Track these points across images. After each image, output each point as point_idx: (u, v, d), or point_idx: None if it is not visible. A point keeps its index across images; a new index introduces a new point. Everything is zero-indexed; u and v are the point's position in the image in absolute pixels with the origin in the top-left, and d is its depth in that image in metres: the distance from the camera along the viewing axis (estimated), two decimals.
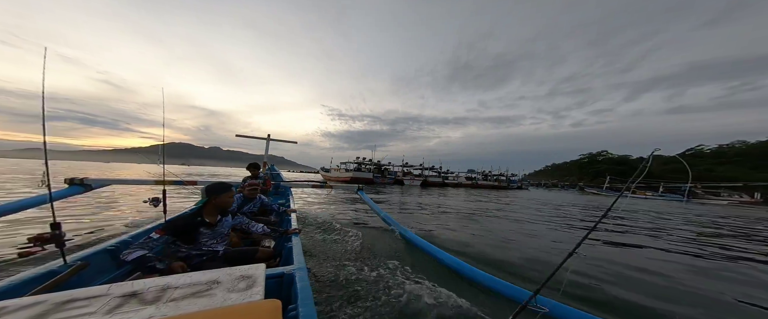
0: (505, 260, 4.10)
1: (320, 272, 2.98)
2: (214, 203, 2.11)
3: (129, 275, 2.15)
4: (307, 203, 9.13)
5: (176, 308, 0.96)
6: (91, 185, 3.67)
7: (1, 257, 3.11)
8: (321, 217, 6.30)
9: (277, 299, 0.93)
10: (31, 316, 0.87)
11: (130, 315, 0.91)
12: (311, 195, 11.70)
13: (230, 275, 1.22)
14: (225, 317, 0.81)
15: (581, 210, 13.02)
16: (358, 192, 6.03)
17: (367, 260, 3.48)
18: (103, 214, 5.99)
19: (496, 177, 48.52)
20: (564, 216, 10.09)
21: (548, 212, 11.41)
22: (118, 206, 7.04)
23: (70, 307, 0.94)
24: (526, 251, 4.72)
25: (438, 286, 2.77)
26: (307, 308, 1.26)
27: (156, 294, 1.04)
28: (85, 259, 1.93)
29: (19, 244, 3.60)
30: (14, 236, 3.98)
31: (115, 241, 2.31)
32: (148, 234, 1.98)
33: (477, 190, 32.50)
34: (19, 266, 2.84)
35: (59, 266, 1.75)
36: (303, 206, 7.91)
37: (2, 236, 3.99)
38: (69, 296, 1.01)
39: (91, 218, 5.44)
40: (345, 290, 2.61)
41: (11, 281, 1.50)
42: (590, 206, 15.69)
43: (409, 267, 3.24)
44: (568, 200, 20.54)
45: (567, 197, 25.45)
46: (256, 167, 4.87)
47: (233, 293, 1.06)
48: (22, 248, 3.29)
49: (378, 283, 2.77)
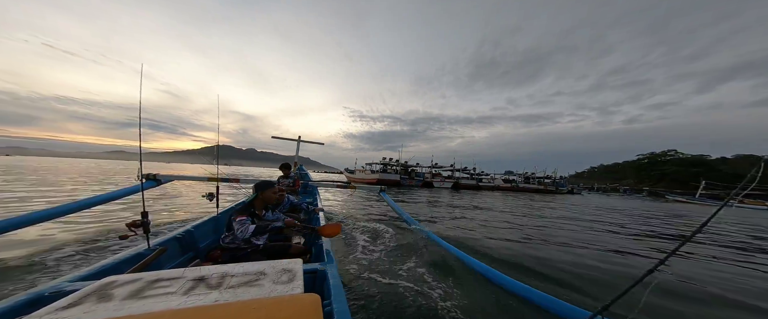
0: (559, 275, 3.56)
1: (342, 271, 3.04)
2: (262, 197, 2.39)
3: (191, 261, 2.56)
4: (331, 202, 9.52)
5: (234, 294, 1.08)
6: (161, 180, 4.29)
7: (110, 237, 4.03)
8: (344, 216, 6.51)
9: (315, 294, 0.98)
10: (133, 290, 1.07)
11: (201, 297, 1.05)
12: (336, 194, 12.27)
13: (274, 268, 1.32)
14: (274, 306, 0.88)
15: (667, 222, 10.59)
16: (381, 193, 6.12)
17: (390, 262, 3.47)
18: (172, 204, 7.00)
19: (540, 179, 43.13)
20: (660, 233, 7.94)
21: (634, 226, 8.86)
22: (181, 199, 8.14)
23: (157, 285, 1.12)
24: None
25: (466, 291, 2.67)
26: (341, 304, 1.33)
27: (218, 280, 1.18)
28: (163, 244, 2.28)
29: (114, 229, 4.45)
30: (110, 220, 4.84)
31: (182, 230, 2.65)
32: (213, 235, 2.43)
33: (517, 194, 29.38)
34: (118, 244, 3.65)
35: (144, 249, 2.08)
36: (327, 205, 8.17)
37: (106, 219, 5.09)
38: (156, 276, 1.20)
39: (161, 209, 6.40)
40: (369, 290, 2.62)
41: (115, 259, 1.87)
42: (678, 217, 12.83)
43: (436, 271, 3.16)
44: (644, 209, 16.99)
45: (635, 204, 21.73)
46: (288, 167, 5.26)
47: (278, 285, 1.16)
48: (121, 232, 4.04)
49: (403, 286, 2.73)
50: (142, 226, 2.01)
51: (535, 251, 4.65)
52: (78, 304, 0.95)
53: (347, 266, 3.26)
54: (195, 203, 7.60)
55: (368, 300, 2.44)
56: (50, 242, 3.69)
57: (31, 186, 9.75)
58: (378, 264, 3.30)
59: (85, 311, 0.92)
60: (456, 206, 11.63)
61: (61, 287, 1.34)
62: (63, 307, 0.93)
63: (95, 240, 3.89)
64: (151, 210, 5.64)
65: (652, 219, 11.43)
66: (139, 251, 2.02)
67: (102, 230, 4.40)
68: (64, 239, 3.83)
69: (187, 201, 7.91)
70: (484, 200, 16.20)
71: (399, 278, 2.91)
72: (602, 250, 5.08)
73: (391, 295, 2.56)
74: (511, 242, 5.34)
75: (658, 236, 7.15)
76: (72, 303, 0.96)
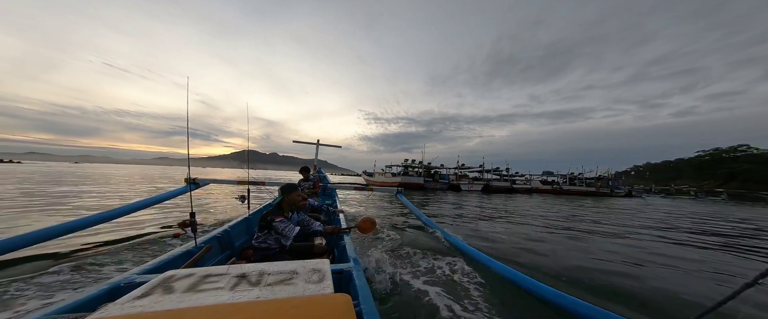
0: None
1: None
2: (287, 200, 2.51)
3: (228, 258, 2.72)
4: (349, 204, 9.63)
5: (272, 292, 1.13)
6: (199, 184, 4.74)
7: (165, 233, 4.44)
8: (361, 217, 6.46)
9: (346, 294, 0.99)
10: (189, 283, 1.18)
11: (244, 293, 1.11)
12: (354, 196, 12.36)
13: (304, 267, 1.36)
14: (310, 305, 0.91)
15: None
16: (398, 195, 6.16)
17: (410, 265, 3.41)
18: (209, 206, 7.65)
19: (589, 180, 37.14)
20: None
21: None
22: (216, 200, 8.88)
23: (208, 280, 1.21)
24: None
25: (496, 299, 2.50)
26: (369, 305, 1.35)
27: (257, 278, 1.24)
28: (207, 242, 2.48)
29: (166, 225, 5.02)
30: (160, 219, 5.44)
31: (220, 230, 2.88)
32: (246, 235, 2.64)
33: (561, 197, 24.67)
34: (168, 240, 4.01)
35: (193, 246, 2.28)
36: (345, 207, 8.21)
37: (159, 218, 5.61)
38: (206, 272, 1.29)
39: (199, 210, 7.03)
40: (389, 294, 2.60)
41: (171, 254, 2.09)
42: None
43: (460, 277, 3.04)
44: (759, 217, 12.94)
45: (732, 211, 15.85)
46: (307, 170, 5.48)
47: (310, 284, 1.19)
48: (174, 230, 4.63)
49: (425, 291, 2.66)
50: (190, 225, 2.22)
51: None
52: (148, 295, 1.08)
53: (364, 268, 3.32)
54: (227, 203, 8.36)
55: (390, 304, 2.44)
56: (116, 237, 4.16)
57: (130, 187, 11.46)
58: (397, 268, 3.28)
59: (154, 301, 1.03)
60: (494, 216, 9.09)
61: (132, 279, 1.53)
62: (137, 297, 1.05)
63: (149, 235, 4.39)
64: (187, 211, 6.21)
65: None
66: (188, 249, 2.24)
67: (156, 227, 4.96)
68: (127, 235, 4.30)
69: (221, 202, 8.65)
70: (523, 206, 13.67)
71: (420, 283, 2.85)
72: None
73: (413, 300, 2.52)
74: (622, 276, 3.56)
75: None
76: (144, 294, 1.08)
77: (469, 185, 29.53)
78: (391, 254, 3.80)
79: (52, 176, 18.23)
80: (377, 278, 2.81)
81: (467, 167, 35.09)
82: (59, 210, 6.36)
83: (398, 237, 4.70)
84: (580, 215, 10.81)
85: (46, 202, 7.41)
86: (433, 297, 2.54)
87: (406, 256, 3.78)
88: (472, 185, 29.56)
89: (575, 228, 7.32)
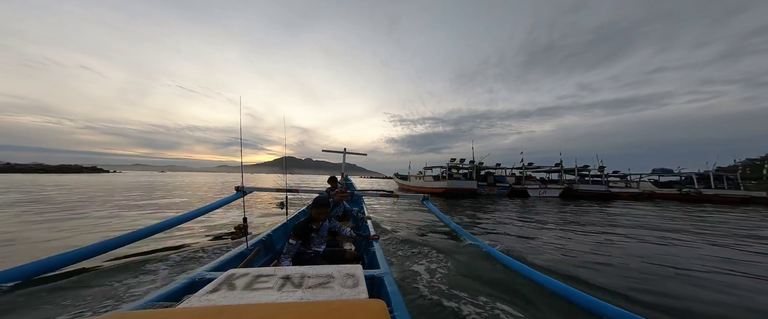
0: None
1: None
2: (312, 214, 2.60)
3: (271, 261, 3.07)
4: (374, 210, 9.41)
5: (313, 294, 1.21)
6: (246, 192, 5.36)
7: (224, 235, 5.02)
8: (388, 225, 6.44)
9: (381, 300, 1.02)
10: (246, 282, 1.33)
11: (289, 294, 1.22)
12: (381, 203, 11.73)
13: (339, 272, 1.44)
14: (348, 309, 0.94)
15: None
16: (424, 202, 6.00)
17: (442, 276, 3.25)
18: (253, 210, 8.54)
19: (754, 180, 24.09)
20: None
21: None
22: (261, 205, 10.02)
23: (260, 280, 1.35)
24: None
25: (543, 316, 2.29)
26: (402, 312, 1.38)
27: (299, 280, 1.36)
28: (256, 245, 2.72)
29: (223, 228, 5.70)
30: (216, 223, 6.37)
31: (265, 234, 3.17)
32: (284, 239, 2.90)
33: (702, 206, 16.26)
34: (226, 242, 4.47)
35: (245, 248, 2.53)
36: (370, 213, 8.33)
37: (218, 222, 6.34)
38: (258, 272, 1.44)
39: (239, 214, 7.77)
40: (421, 306, 2.51)
41: (230, 255, 2.37)
42: None
43: (500, 291, 2.81)
44: None
45: None
46: (334, 180, 5.80)
47: (345, 289, 1.26)
48: (231, 233, 5.34)
49: (460, 304, 2.52)
50: (243, 229, 2.53)
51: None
52: (217, 290, 1.25)
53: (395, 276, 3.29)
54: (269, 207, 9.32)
55: (422, 314, 2.38)
56: (182, 240, 4.67)
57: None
58: (428, 279, 3.18)
59: (222, 296, 1.19)
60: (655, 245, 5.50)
61: (203, 275, 1.77)
62: (209, 291, 1.24)
63: (211, 236, 5.11)
64: (235, 216, 7.05)
65: None
66: (242, 250, 2.52)
67: (216, 229, 5.72)
68: (196, 237, 4.94)
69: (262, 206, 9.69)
70: (668, 223, 8.47)
71: (454, 296, 2.71)
72: None
73: (446, 313, 2.42)
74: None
75: None
76: (214, 289, 1.25)
77: (542, 190, 21.46)
78: (420, 267, 3.65)
79: (154, 184, 21.41)
80: (404, 291, 2.76)
81: (535, 167, 25.44)
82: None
83: (426, 248, 4.51)
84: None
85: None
86: (469, 313, 2.43)
87: (436, 269, 3.56)
88: (546, 190, 21.44)
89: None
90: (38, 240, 4.70)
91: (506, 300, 2.66)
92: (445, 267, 3.59)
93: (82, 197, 11.41)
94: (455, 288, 2.86)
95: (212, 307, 1.02)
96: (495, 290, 2.88)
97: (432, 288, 2.87)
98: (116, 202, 10.01)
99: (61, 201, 9.73)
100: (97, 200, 10.46)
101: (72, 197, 11.32)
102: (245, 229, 2.54)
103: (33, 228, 5.52)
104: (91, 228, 5.70)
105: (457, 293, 2.74)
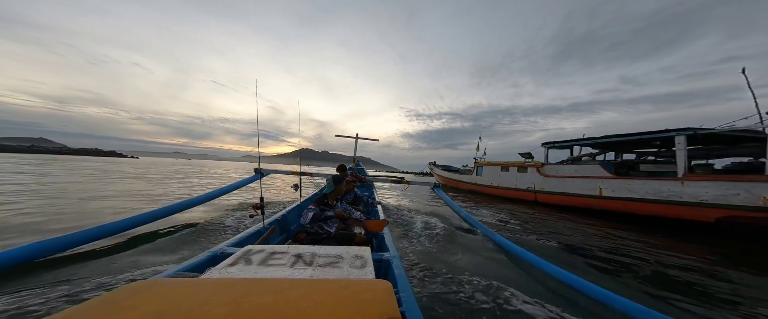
0: None
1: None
2: (337, 189, 2.78)
3: (285, 240, 3.16)
4: (383, 195, 9.42)
5: (322, 272, 1.29)
6: (263, 174, 5.59)
7: (243, 214, 5.21)
8: (397, 210, 6.54)
9: (387, 281, 1.04)
10: (262, 257, 1.43)
11: (300, 271, 1.30)
12: (391, 189, 12.44)
13: (348, 253, 1.52)
14: (356, 287, 0.97)
15: None
16: (435, 189, 6.06)
17: (450, 264, 3.26)
18: (269, 193, 8.78)
19: None
20: None
21: None
22: (278, 187, 10.34)
23: (275, 257, 1.44)
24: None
25: (556, 305, 2.27)
26: (408, 293, 1.44)
27: (310, 258, 1.43)
28: (271, 224, 2.87)
29: (237, 207, 5.93)
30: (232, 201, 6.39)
31: (280, 215, 3.31)
32: (297, 220, 3.03)
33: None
34: (243, 220, 4.65)
35: (261, 227, 2.68)
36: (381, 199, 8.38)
37: (238, 201, 6.55)
38: (273, 249, 1.54)
39: (256, 196, 8.11)
40: (426, 292, 2.50)
41: (248, 232, 2.51)
42: None
43: (508, 280, 2.79)
44: None
45: None
46: (343, 168, 5.83)
47: (353, 269, 1.33)
48: (250, 212, 5.52)
49: (467, 294, 2.49)
50: (260, 208, 2.62)
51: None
52: (236, 264, 1.35)
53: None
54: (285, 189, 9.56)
55: (427, 301, 2.38)
56: (205, 216, 4.93)
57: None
58: (436, 266, 3.15)
59: (240, 269, 1.29)
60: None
61: (224, 250, 1.91)
62: (229, 264, 1.34)
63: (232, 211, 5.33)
64: (252, 196, 7.42)
65: None
66: (258, 229, 2.66)
67: (236, 206, 5.93)
68: (218, 213, 5.24)
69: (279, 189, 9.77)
70: None
71: (461, 284, 2.68)
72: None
73: (454, 302, 2.40)
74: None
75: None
76: (233, 263, 1.35)
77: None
78: (428, 254, 3.65)
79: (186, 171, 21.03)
80: (411, 276, 2.80)
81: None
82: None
83: (436, 236, 4.55)
84: None
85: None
86: (472, 293, 2.49)
87: (444, 257, 3.57)
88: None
89: None
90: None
91: (516, 291, 2.62)
92: (454, 256, 3.59)
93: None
94: (463, 277, 2.84)
95: (230, 279, 1.09)
96: (505, 282, 2.82)
97: (438, 275, 2.87)
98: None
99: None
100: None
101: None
102: (262, 208, 2.64)
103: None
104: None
105: (465, 282, 2.72)
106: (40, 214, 4.67)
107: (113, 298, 0.80)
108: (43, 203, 5.47)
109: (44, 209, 4.99)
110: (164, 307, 0.77)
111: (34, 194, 6.44)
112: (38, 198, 5.94)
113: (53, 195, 6.44)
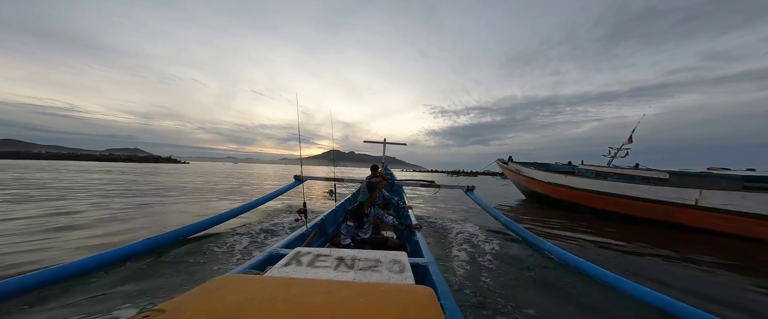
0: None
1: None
2: (372, 196, 2.83)
3: (324, 243, 3.33)
4: (411, 198, 9.23)
5: (364, 275, 1.29)
6: (302, 180, 5.98)
7: (289, 217, 5.54)
8: (429, 216, 6.40)
9: (429, 287, 1.02)
10: (309, 259, 1.48)
11: (344, 273, 1.32)
12: (419, 192, 12.25)
13: (386, 257, 1.51)
14: (397, 292, 0.96)
15: None
16: (468, 193, 5.68)
17: (493, 275, 3.04)
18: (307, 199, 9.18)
19: None
20: None
21: None
22: (314, 193, 10.99)
23: (320, 259, 1.48)
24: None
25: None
26: (449, 300, 1.41)
27: (351, 262, 1.45)
28: (313, 228, 3.00)
29: (285, 211, 6.37)
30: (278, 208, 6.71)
31: (319, 219, 3.47)
32: (334, 224, 3.28)
33: None
34: (287, 224, 4.85)
35: (305, 230, 2.80)
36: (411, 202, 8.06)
37: (280, 207, 6.93)
38: (318, 251, 1.58)
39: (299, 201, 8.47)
40: (468, 304, 2.37)
41: (295, 235, 2.68)
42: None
43: (562, 296, 2.55)
44: None
45: None
46: (375, 168, 6.11)
47: (393, 274, 1.32)
48: (295, 217, 5.84)
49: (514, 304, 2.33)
50: (303, 213, 2.81)
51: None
52: (289, 264, 1.42)
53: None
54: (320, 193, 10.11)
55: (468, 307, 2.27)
56: (254, 223, 4.98)
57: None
58: (474, 274, 3.00)
59: (293, 270, 1.35)
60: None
61: (278, 251, 2.03)
62: (283, 264, 1.42)
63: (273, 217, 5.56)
64: (292, 202, 7.90)
65: None
66: (303, 232, 2.79)
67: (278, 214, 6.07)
68: (267, 216, 5.61)
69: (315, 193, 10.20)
70: None
71: (503, 296, 2.53)
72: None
73: (494, 309, 2.30)
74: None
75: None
76: (287, 263, 1.42)
77: None
78: (470, 263, 3.49)
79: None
80: (450, 284, 2.67)
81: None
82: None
83: (475, 243, 4.33)
84: None
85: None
86: (517, 310, 2.30)
87: (486, 264, 3.43)
88: None
89: None
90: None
91: (566, 304, 2.40)
92: (493, 263, 3.43)
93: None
94: (505, 288, 2.68)
95: (287, 278, 1.17)
96: (556, 296, 2.57)
97: (477, 284, 2.76)
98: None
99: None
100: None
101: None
102: (305, 213, 2.80)
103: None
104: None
105: (507, 293, 2.58)
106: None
107: (206, 289, 0.97)
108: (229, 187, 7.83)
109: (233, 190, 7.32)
110: (242, 299, 0.88)
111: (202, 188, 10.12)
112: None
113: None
